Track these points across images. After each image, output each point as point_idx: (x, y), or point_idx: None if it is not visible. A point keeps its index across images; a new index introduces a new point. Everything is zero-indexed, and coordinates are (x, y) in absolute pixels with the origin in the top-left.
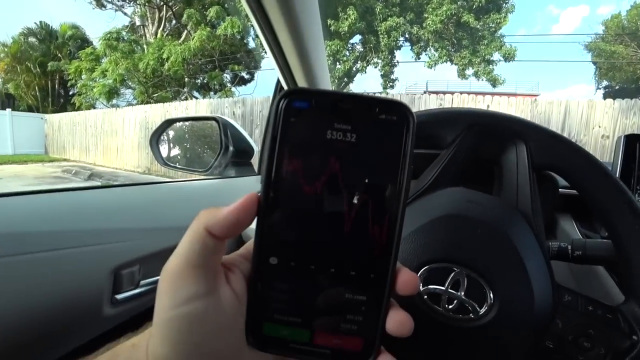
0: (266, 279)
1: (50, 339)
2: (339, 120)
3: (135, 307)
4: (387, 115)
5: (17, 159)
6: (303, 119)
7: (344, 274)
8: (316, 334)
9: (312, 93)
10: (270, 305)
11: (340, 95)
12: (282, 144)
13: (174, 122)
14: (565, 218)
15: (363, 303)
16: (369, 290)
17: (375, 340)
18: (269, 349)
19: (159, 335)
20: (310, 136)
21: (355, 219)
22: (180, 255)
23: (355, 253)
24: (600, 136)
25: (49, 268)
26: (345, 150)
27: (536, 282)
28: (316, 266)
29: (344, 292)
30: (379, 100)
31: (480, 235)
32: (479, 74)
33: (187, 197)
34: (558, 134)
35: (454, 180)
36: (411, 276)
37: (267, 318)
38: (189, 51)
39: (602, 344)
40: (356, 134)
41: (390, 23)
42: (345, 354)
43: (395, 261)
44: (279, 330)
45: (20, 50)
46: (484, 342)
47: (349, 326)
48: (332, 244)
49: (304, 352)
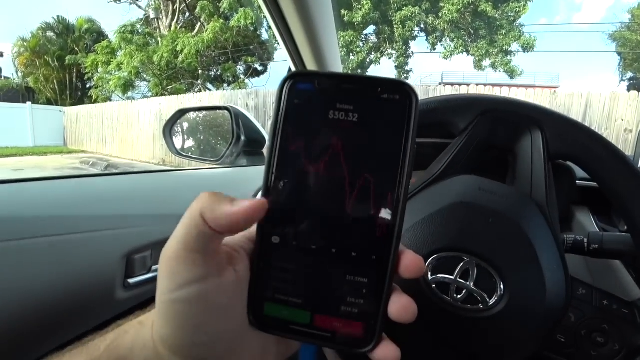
0: (268, 259)
1: (64, 320)
2: (341, 101)
3: (147, 292)
4: (389, 95)
5: (37, 151)
6: (306, 100)
7: (345, 255)
8: (317, 316)
9: (316, 75)
10: (271, 285)
11: (343, 76)
12: (285, 125)
13: (187, 112)
14: (582, 211)
15: (364, 286)
16: (371, 272)
17: (377, 325)
18: (270, 329)
19: (162, 317)
20: (314, 117)
21: (357, 199)
22: (177, 239)
23: (357, 233)
24: (623, 130)
25: (63, 251)
26: (347, 130)
27: (549, 273)
28: (317, 246)
29: (345, 274)
30: (381, 80)
31: (492, 224)
32: (496, 65)
33: (199, 185)
34: (577, 122)
35: (465, 169)
36: (415, 258)
37: (268, 298)
38: (203, 43)
39: (617, 339)
40: (358, 114)
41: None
42: (346, 338)
43: (398, 243)
44: (279, 311)
45: (39, 44)
46: (493, 334)
47: (350, 309)
48: (333, 224)
49: (303, 334)
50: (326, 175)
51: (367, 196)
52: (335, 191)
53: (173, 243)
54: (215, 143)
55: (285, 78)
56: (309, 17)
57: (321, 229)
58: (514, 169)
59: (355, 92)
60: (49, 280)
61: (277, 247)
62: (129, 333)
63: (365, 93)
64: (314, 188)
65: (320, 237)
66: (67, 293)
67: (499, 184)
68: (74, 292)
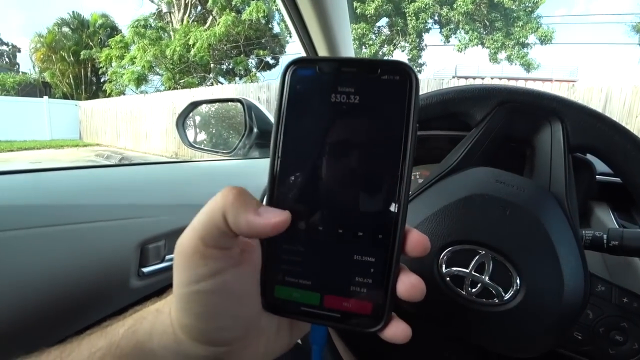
0: (276, 242)
1: (79, 307)
2: (342, 84)
3: (161, 281)
4: (389, 75)
5: (54, 144)
6: (308, 85)
7: (351, 235)
8: (326, 297)
9: (317, 60)
10: (281, 267)
11: (343, 60)
12: (289, 110)
13: (200, 104)
14: (602, 207)
15: (372, 265)
16: (378, 251)
17: (386, 304)
18: (281, 312)
19: (180, 307)
20: (316, 101)
21: (361, 179)
22: (196, 233)
23: (362, 213)
24: None
25: (79, 239)
26: (350, 112)
27: (567, 269)
28: (324, 227)
29: (353, 254)
30: (380, 62)
31: (509, 217)
32: (512, 58)
33: (212, 176)
34: (599, 113)
35: (481, 161)
36: (420, 237)
37: (279, 281)
38: (215, 37)
39: (636, 338)
40: (360, 96)
41: (418, 4)
42: (356, 318)
43: (404, 221)
44: (290, 293)
45: (55, 40)
46: (508, 329)
47: (359, 289)
48: (339, 205)
49: (314, 316)
50: (330, 157)
51: (371, 176)
52: (340, 172)
53: (190, 236)
54: (227, 135)
55: (288, 64)
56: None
57: (327, 211)
58: (532, 161)
59: (355, 75)
60: (64, 267)
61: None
62: (147, 319)
63: (365, 75)
64: (318, 171)
65: (327, 218)
66: (82, 280)
67: (517, 176)
68: (89, 279)
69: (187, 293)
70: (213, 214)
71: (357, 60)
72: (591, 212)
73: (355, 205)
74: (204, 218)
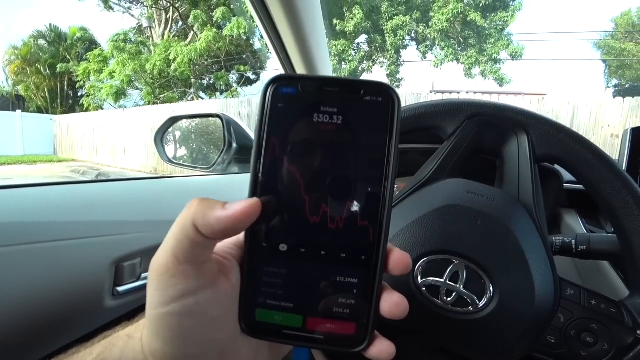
0: (257, 264)
1: (51, 329)
2: (325, 104)
3: (137, 300)
4: (372, 96)
5: (26, 160)
6: (290, 104)
7: (334, 257)
8: (309, 319)
9: (299, 78)
10: (262, 290)
11: (326, 79)
12: (270, 129)
13: (178, 120)
14: (571, 214)
15: (355, 286)
16: (360, 272)
17: (369, 324)
18: (262, 335)
19: (152, 330)
20: (298, 120)
21: (343, 200)
22: (167, 250)
23: (345, 235)
24: (610, 135)
25: (51, 258)
26: (332, 132)
27: (537, 274)
28: (306, 249)
29: (335, 276)
30: (363, 83)
31: (481, 226)
32: (485, 73)
33: (190, 192)
34: (561, 125)
35: (453, 173)
36: (402, 256)
37: (260, 304)
38: (196, 52)
39: (606, 339)
40: (342, 116)
41: (396, 22)
42: (339, 339)
43: (385, 242)
44: (271, 316)
45: (30, 52)
46: (484, 335)
47: (342, 310)
48: (321, 227)
49: (297, 338)
50: (312, 178)
51: (353, 197)
52: (322, 194)
53: (163, 254)
54: (207, 151)
55: (269, 82)
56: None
57: (309, 232)
58: (502, 172)
59: (338, 95)
60: (35, 288)
61: (266, 252)
62: (117, 346)
63: (348, 95)
64: (300, 192)
65: (309, 240)
66: (54, 301)
67: (487, 186)
68: (61, 300)
69: (158, 315)
70: (183, 226)
71: (340, 80)
72: (561, 219)
73: (338, 226)
74: (174, 233)
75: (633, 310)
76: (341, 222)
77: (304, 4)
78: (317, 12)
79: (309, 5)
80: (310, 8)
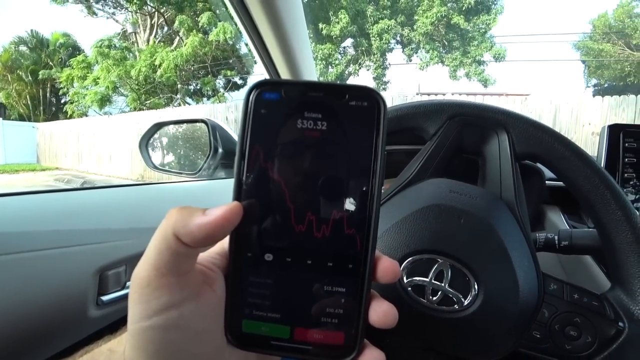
0: (243, 274)
1: (34, 340)
2: (309, 109)
3: (122, 309)
4: (357, 101)
5: (8, 169)
6: (274, 110)
7: (321, 266)
8: (296, 330)
9: (282, 83)
10: (248, 301)
11: (310, 84)
12: (253, 137)
13: (163, 125)
14: (553, 210)
15: (342, 295)
16: (348, 281)
17: (358, 333)
18: (250, 347)
19: (134, 344)
20: (281, 126)
21: (329, 208)
22: (149, 262)
23: (332, 243)
24: (591, 133)
25: (32, 268)
26: (317, 139)
27: (521, 271)
28: (292, 258)
29: (322, 285)
30: (348, 87)
31: (464, 225)
32: (470, 75)
33: (176, 198)
34: (539, 123)
35: (436, 173)
36: (391, 264)
37: (246, 315)
38: (181, 57)
39: (589, 332)
40: (327, 122)
41: (381, 26)
42: (328, 349)
43: (373, 249)
44: (258, 327)
45: (11, 58)
46: (470, 333)
47: (330, 320)
48: (307, 235)
49: (284, 349)
50: (297, 186)
51: (339, 204)
52: (307, 201)
53: (144, 267)
54: (193, 156)
55: (251, 87)
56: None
57: (295, 241)
58: (484, 171)
59: (322, 100)
60: (17, 299)
61: (251, 261)
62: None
63: (332, 101)
64: (285, 199)
65: (294, 249)
66: (36, 312)
67: (469, 185)
68: (44, 311)
69: (140, 329)
70: (164, 236)
71: (324, 84)
72: (544, 216)
73: (324, 234)
74: (155, 244)
75: (614, 302)
76: (327, 231)
77: (286, 7)
78: (299, 16)
79: (291, 9)
80: (292, 12)
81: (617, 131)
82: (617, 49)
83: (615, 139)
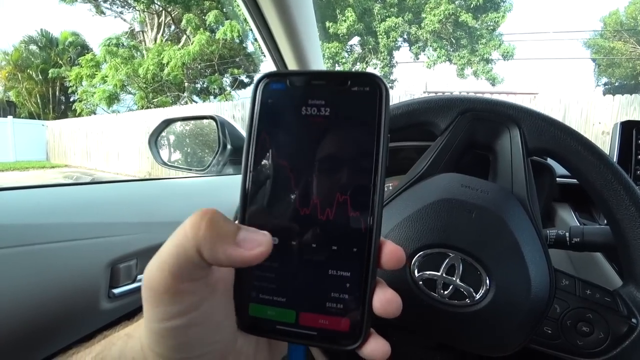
0: None
1: (46, 332)
2: (313, 97)
3: (133, 302)
4: (359, 87)
5: (18, 166)
6: (279, 99)
7: (325, 250)
8: (302, 315)
9: (288, 74)
10: (254, 285)
11: (313, 73)
12: (260, 125)
13: (172, 122)
14: (564, 207)
15: (347, 280)
16: (353, 265)
17: (364, 320)
18: (257, 331)
19: (152, 339)
20: (287, 114)
21: (333, 192)
22: (164, 269)
23: (336, 227)
24: (601, 132)
25: (45, 260)
26: (321, 124)
27: (533, 266)
28: (298, 242)
29: (327, 269)
30: (350, 74)
31: (476, 219)
32: (477, 73)
33: (185, 194)
34: (552, 118)
35: (447, 168)
36: (395, 248)
37: (252, 299)
38: (189, 56)
39: (601, 328)
40: (330, 108)
41: (388, 24)
42: (333, 335)
43: (378, 234)
44: (264, 311)
45: (22, 58)
46: (481, 328)
47: (335, 305)
48: (312, 219)
49: (290, 334)
50: (302, 170)
51: (344, 188)
52: (312, 186)
53: (159, 272)
54: (201, 152)
55: (259, 79)
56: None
57: (300, 225)
58: (495, 166)
59: (325, 87)
60: (30, 290)
61: None
62: (116, 345)
63: (335, 87)
64: (290, 185)
65: (300, 232)
66: (49, 304)
67: (481, 180)
68: (56, 303)
69: (161, 329)
70: (185, 249)
71: (326, 72)
72: (554, 213)
73: (329, 218)
74: (175, 251)
75: (627, 298)
76: (332, 214)
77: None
78: (309, 12)
79: (302, 6)
80: (302, 8)
81: (629, 128)
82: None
83: (627, 135)
